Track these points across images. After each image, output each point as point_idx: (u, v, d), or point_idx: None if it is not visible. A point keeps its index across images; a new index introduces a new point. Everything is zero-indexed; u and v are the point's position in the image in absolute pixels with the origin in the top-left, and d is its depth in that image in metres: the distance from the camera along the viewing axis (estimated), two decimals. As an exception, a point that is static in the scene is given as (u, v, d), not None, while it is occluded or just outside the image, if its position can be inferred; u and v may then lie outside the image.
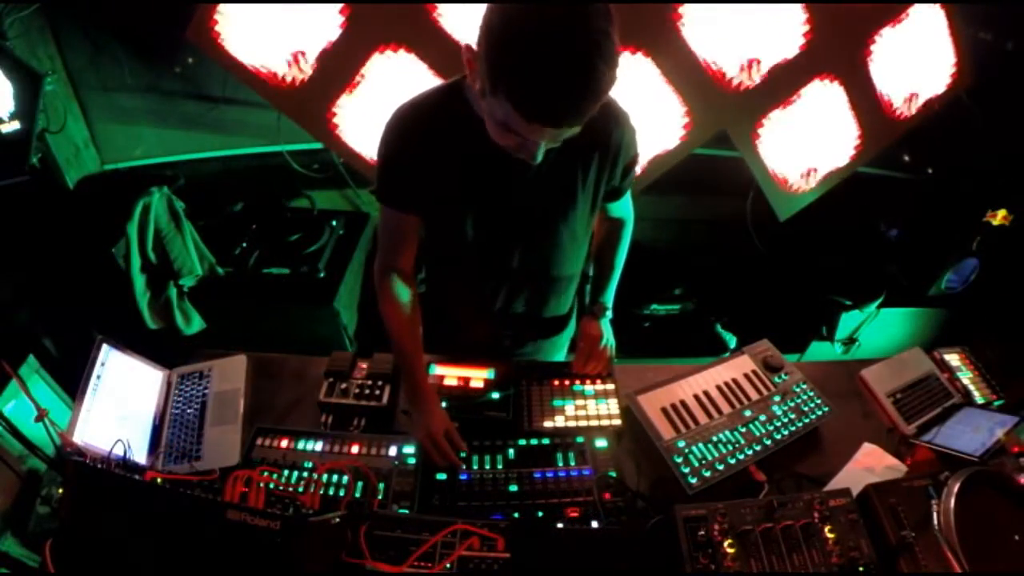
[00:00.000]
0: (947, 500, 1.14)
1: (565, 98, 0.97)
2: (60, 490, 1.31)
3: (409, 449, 1.38)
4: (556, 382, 1.59)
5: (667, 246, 3.17)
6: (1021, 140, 2.57)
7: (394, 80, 2.11)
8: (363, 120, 2.18)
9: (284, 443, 1.40)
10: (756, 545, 1.13)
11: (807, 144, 2.46)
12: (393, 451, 1.38)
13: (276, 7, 2.01)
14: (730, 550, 1.11)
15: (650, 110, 2.24)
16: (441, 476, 1.35)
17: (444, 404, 1.46)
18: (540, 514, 1.29)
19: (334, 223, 2.79)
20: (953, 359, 1.80)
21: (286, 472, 1.33)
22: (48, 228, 2.39)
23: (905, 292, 2.83)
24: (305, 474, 1.33)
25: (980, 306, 2.78)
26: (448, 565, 1.06)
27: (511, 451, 1.41)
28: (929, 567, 1.10)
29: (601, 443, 1.43)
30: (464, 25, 2.05)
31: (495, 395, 1.52)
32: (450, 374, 1.56)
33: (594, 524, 1.26)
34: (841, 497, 1.20)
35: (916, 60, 2.40)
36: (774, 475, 1.39)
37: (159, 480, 1.18)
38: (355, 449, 1.39)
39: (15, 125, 2.19)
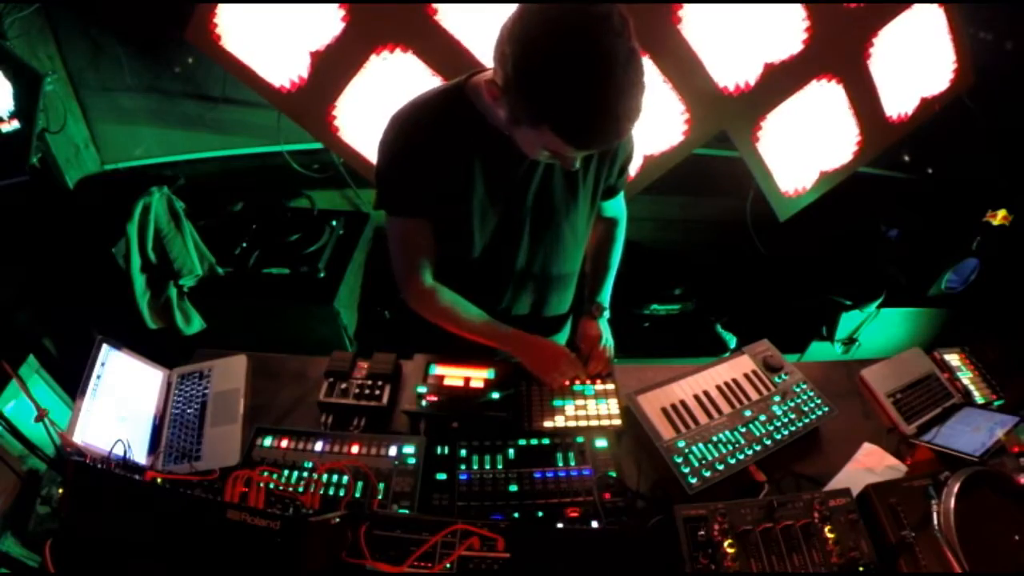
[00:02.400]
0: (947, 500, 1.14)
1: (615, 125, 1.02)
2: (60, 490, 1.31)
3: (409, 449, 1.38)
4: (556, 382, 1.58)
5: (667, 246, 3.16)
6: (1021, 140, 2.57)
7: (395, 80, 2.11)
8: (364, 120, 2.18)
9: (284, 443, 1.40)
10: (756, 545, 1.13)
11: (807, 144, 2.46)
12: (393, 451, 1.38)
13: (276, 7, 2.01)
14: (730, 550, 1.12)
15: (650, 110, 2.23)
16: (441, 476, 1.36)
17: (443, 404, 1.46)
18: (540, 514, 1.29)
19: (334, 223, 2.78)
20: (953, 359, 1.80)
21: (286, 472, 1.33)
22: (48, 228, 2.40)
23: (905, 292, 2.83)
24: (305, 474, 1.33)
25: (980, 306, 2.78)
26: (448, 565, 1.06)
27: (511, 451, 1.41)
28: (929, 567, 1.10)
29: (601, 443, 1.43)
30: (464, 25, 2.05)
31: (495, 395, 1.51)
32: (451, 374, 1.56)
33: (594, 524, 1.26)
34: (841, 497, 1.20)
35: (916, 60, 2.40)
36: (774, 475, 1.39)
37: (159, 480, 1.18)
38: (355, 449, 1.39)
39: (15, 125, 2.19)
